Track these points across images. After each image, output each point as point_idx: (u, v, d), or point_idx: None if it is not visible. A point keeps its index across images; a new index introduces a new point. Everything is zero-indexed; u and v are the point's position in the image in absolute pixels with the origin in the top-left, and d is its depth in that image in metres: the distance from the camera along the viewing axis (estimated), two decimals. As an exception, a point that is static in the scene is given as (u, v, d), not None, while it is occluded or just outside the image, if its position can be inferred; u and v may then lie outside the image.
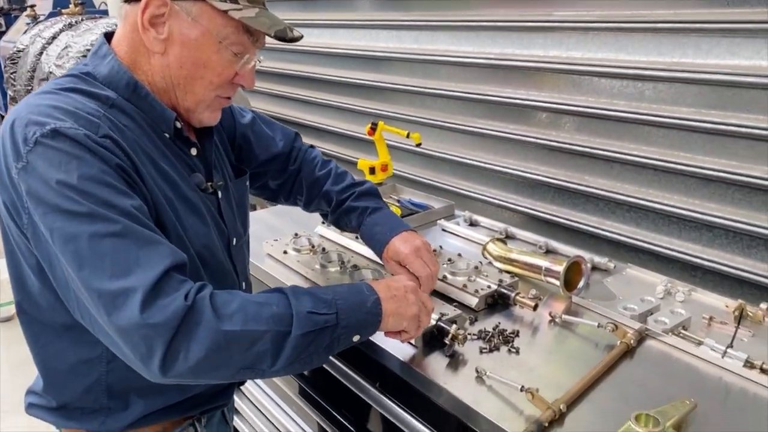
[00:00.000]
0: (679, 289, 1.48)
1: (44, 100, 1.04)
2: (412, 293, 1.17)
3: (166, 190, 1.11)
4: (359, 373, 1.45)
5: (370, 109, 2.84)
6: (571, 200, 2.09)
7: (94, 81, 1.11)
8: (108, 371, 1.14)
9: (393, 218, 1.49)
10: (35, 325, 1.15)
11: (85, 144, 0.98)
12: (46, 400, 1.20)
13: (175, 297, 0.93)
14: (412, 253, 1.36)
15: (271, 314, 1.00)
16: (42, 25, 3.69)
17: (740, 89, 1.60)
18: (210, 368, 0.97)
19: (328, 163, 1.60)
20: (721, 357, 1.20)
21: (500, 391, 1.14)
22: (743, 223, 1.65)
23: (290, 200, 1.62)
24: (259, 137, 1.51)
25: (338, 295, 1.09)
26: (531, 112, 2.15)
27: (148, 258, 0.95)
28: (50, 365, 1.17)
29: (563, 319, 1.37)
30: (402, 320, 1.15)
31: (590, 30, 1.91)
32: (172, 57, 1.10)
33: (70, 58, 2.65)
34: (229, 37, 1.10)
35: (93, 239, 0.95)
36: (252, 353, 0.98)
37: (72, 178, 0.96)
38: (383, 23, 2.70)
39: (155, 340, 0.92)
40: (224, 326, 0.95)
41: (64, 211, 0.95)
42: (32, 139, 0.97)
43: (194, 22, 1.08)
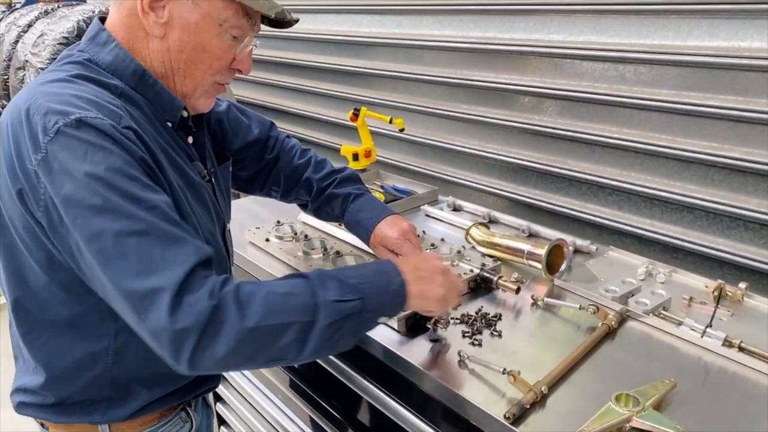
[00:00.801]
0: (660, 271, 1.49)
1: (61, 88, 1.00)
2: (440, 274, 1.14)
3: (178, 179, 1.10)
4: (344, 359, 1.45)
5: (352, 95, 2.82)
6: (554, 184, 2.10)
7: (98, 69, 1.08)
8: (114, 363, 1.12)
9: (376, 203, 1.48)
10: (37, 323, 1.10)
11: (111, 135, 0.95)
12: (42, 397, 1.15)
13: (200, 296, 0.92)
14: (401, 237, 1.36)
15: (295, 305, 0.98)
16: (18, 12, 3.61)
17: (719, 70, 1.61)
18: (237, 363, 0.98)
19: (307, 152, 1.58)
20: (701, 336, 1.22)
21: (483, 374, 1.15)
22: (723, 204, 1.66)
23: (264, 190, 1.58)
24: (234, 125, 1.49)
25: (363, 279, 1.06)
26: (514, 96, 2.14)
27: (174, 257, 0.93)
28: (53, 362, 1.13)
29: (545, 302, 1.38)
30: (427, 302, 1.13)
31: (572, 13, 1.90)
32: (171, 41, 1.08)
33: (46, 45, 2.60)
34: (229, 19, 1.09)
35: (118, 237, 0.92)
36: (278, 346, 0.97)
37: (99, 170, 0.92)
38: (366, 8, 2.67)
39: (183, 343, 0.91)
40: (249, 323, 0.93)
41: (90, 206, 0.92)
42: (53, 128, 0.93)
43: (194, 5, 1.06)
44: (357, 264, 1.16)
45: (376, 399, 1.35)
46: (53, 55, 2.57)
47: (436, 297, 1.12)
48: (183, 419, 1.28)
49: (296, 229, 1.77)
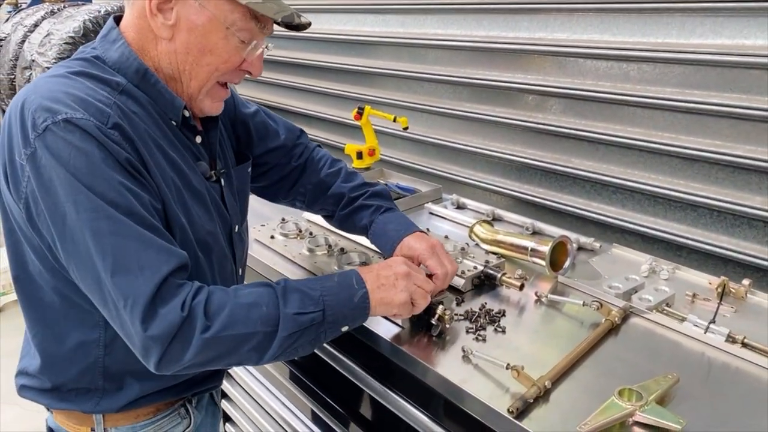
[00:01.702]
0: (663, 267, 1.50)
1: (56, 84, 1.03)
2: (402, 279, 1.17)
3: (174, 178, 1.12)
4: (348, 355, 1.46)
5: (356, 94, 2.83)
6: (558, 182, 2.10)
7: (103, 65, 1.11)
8: (106, 354, 1.16)
9: (406, 219, 1.45)
10: (35, 306, 1.16)
11: (95, 136, 0.98)
12: (40, 381, 1.20)
13: (172, 306, 0.99)
14: (428, 249, 1.32)
15: (259, 316, 1.04)
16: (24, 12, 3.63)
17: (723, 68, 1.61)
18: (201, 365, 1.05)
19: (338, 162, 1.56)
20: (704, 332, 1.22)
21: (486, 369, 1.16)
22: (727, 202, 1.66)
23: (289, 198, 1.56)
24: (260, 128, 1.48)
25: (326, 291, 1.11)
26: (517, 94, 2.15)
27: (149, 262, 0.99)
28: (49, 346, 1.17)
29: (549, 299, 1.38)
30: (391, 308, 1.17)
31: (575, 11, 1.91)
32: (179, 43, 1.10)
33: (53, 45, 2.61)
34: (236, 23, 1.09)
35: (96, 236, 0.97)
36: (240, 353, 1.05)
37: (81, 172, 0.97)
38: (369, 7, 2.68)
39: (152, 348, 0.99)
40: (215, 333, 1.01)
41: (70, 204, 0.97)
42: (42, 126, 0.97)
43: (201, 8, 1.07)
44: (323, 275, 1.20)
45: (379, 393, 1.36)
46: (59, 54, 2.59)
47: (398, 302, 1.16)
48: (182, 415, 1.30)
49: (301, 227, 1.78)
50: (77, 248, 0.99)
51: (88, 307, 1.09)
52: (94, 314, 1.10)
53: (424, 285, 1.21)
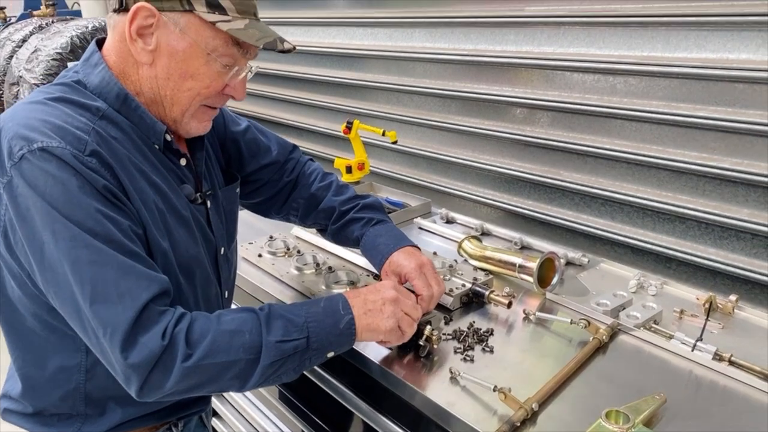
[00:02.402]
0: (651, 283, 1.50)
1: (33, 112, 1.03)
2: (390, 305, 1.16)
3: (157, 201, 1.11)
4: (336, 376, 1.45)
5: (345, 107, 2.83)
6: (547, 195, 2.10)
7: (84, 90, 1.10)
8: (87, 379, 1.15)
9: (397, 232, 1.44)
10: (15, 330, 1.15)
11: (72, 165, 0.98)
12: (22, 405, 1.19)
13: (153, 334, 0.98)
14: (416, 269, 1.30)
15: (241, 343, 1.03)
16: (12, 27, 3.62)
17: (708, 82, 1.61)
18: (182, 393, 1.04)
19: (329, 176, 1.55)
20: (691, 350, 1.22)
21: (474, 391, 1.15)
22: (714, 214, 1.66)
23: (282, 213, 1.56)
24: (251, 145, 1.47)
25: (311, 317, 1.10)
26: (506, 107, 2.15)
27: (129, 289, 0.98)
28: (30, 371, 1.17)
29: (537, 317, 1.38)
30: (377, 334, 1.17)
31: (562, 25, 1.91)
32: (159, 68, 1.09)
33: (40, 61, 2.60)
34: (217, 49, 1.09)
35: (75, 265, 0.97)
36: (222, 381, 1.04)
37: (58, 201, 0.96)
38: (357, 21, 2.69)
39: (132, 377, 0.98)
40: (196, 361, 1.00)
41: (47, 233, 0.97)
42: (18, 154, 0.97)
43: (182, 34, 1.06)
44: (309, 300, 1.19)
45: (367, 415, 1.35)
46: (47, 70, 2.58)
47: (384, 329, 1.15)
48: None
49: (289, 244, 1.77)
50: (56, 277, 0.98)
51: (69, 332, 1.08)
52: (75, 339, 1.09)
53: (412, 312, 1.20)
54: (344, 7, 2.77)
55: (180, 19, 1.06)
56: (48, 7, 4.15)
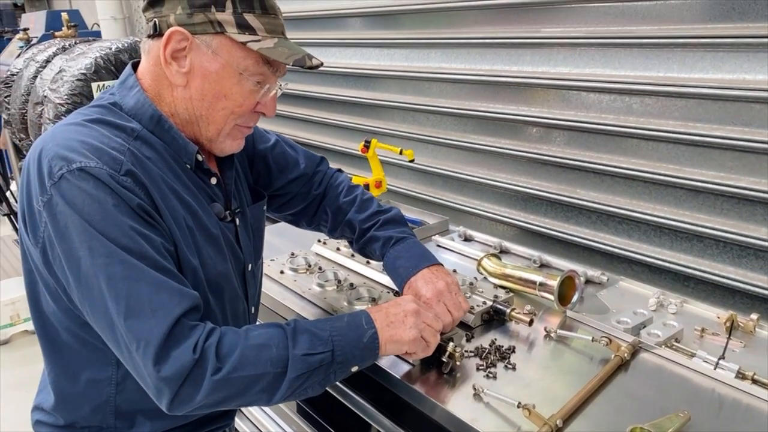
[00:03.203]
0: (671, 301, 1.50)
1: (72, 133, 1.07)
2: (411, 316, 1.19)
3: (188, 220, 1.15)
4: (357, 391, 1.46)
5: (363, 126, 2.87)
6: (564, 213, 2.12)
7: (120, 112, 1.14)
8: (117, 393, 1.18)
9: (417, 250, 1.43)
10: (50, 344, 1.18)
11: (108, 184, 1.01)
12: (54, 418, 1.22)
13: (185, 348, 1.00)
14: (434, 297, 1.31)
15: (269, 357, 1.06)
16: (36, 48, 3.70)
17: (725, 102, 1.63)
18: (212, 406, 1.06)
19: (355, 189, 1.56)
20: (714, 368, 1.22)
21: (497, 407, 1.16)
22: (732, 233, 1.67)
23: (313, 225, 1.59)
24: (280, 160, 1.50)
25: (336, 331, 1.13)
26: (522, 126, 2.18)
27: (161, 304, 1.01)
28: (62, 384, 1.20)
29: (558, 334, 1.39)
30: (401, 345, 1.18)
31: (578, 46, 1.95)
32: (193, 89, 1.13)
33: (65, 82, 2.67)
34: (249, 68, 1.12)
35: (110, 281, 1.00)
36: (250, 394, 1.06)
37: (93, 219, 1.00)
38: (375, 41, 2.73)
39: (164, 390, 1.01)
40: (225, 375, 1.02)
41: (84, 249, 1.00)
42: (57, 174, 1.01)
43: (214, 55, 1.10)
44: (333, 316, 1.22)
45: (389, 431, 1.36)
46: (71, 90, 2.64)
47: (408, 339, 1.17)
48: None
49: (310, 261, 1.80)
50: (91, 292, 1.01)
51: (101, 346, 1.11)
52: (106, 353, 1.12)
53: (434, 323, 1.22)
54: (361, 29, 2.83)
55: (212, 41, 1.10)
56: (69, 29, 4.25)
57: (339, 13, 2.87)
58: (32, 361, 3.41)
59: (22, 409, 1.29)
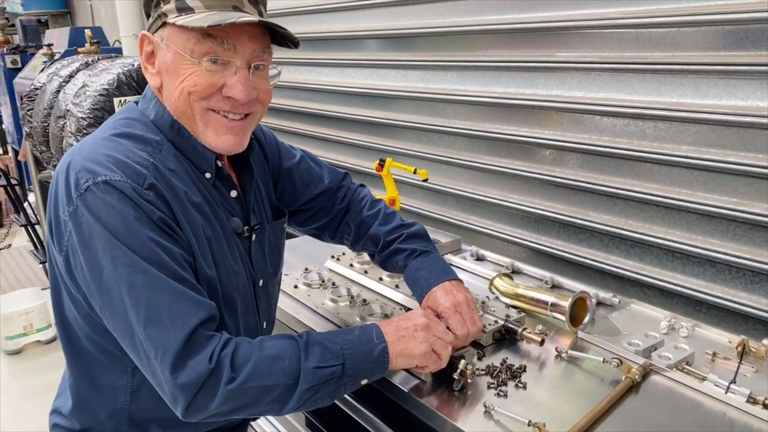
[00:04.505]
0: (682, 325, 1.51)
1: (99, 147, 1.11)
2: (422, 331, 1.20)
3: (206, 231, 1.17)
4: (366, 405, 1.47)
5: (378, 145, 2.91)
6: (576, 235, 2.13)
7: (147, 122, 1.18)
8: (131, 400, 1.21)
9: (439, 264, 1.45)
10: (72, 348, 1.22)
11: (131, 197, 1.05)
12: (70, 422, 1.25)
13: (201, 358, 1.03)
14: (452, 307, 1.33)
15: (281, 368, 1.08)
16: (59, 63, 3.80)
17: (738, 128, 1.65)
18: (225, 414, 1.08)
19: (377, 203, 1.59)
20: (725, 392, 1.23)
21: (508, 425, 1.17)
22: (745, 258, 1.68)
23: (336, 238, 1.62)
24: (305, 175, 1.53)
25: (347, 344, 1.14)
26: (535, 149, 2.20)
27: (180, 313, 1.04)
28: (81, 389, 1.23)
29: (569, 355, 1.40)
30: (411, 359, 1.20)
31: (591, 70, 1.97)
32: (165, 88, 1.16)
33: (88, 96, 2.73)
34: (194, 49, 1.10)
35: (132, 290, 1.03)
36: (262, 404, 1.08)
37: (116, 230, 1.03)
38: (390, 63, 2.78)
39: (179, 397, 1.03)
40: (239, 384, 1.05)
41: (107, 259, 1.03)
42: (84, 186, 1.04)
43: (167, 47, 1.13)
44: (344, 329, 1.24)
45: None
46: (94, 105, 2.71)
47: (418, 354, 1.19)
48: None
49: (324, 277, 1.82)
50: (112, 300, 1.04)
51: (118, 353, 1.14)
52: (123, 360, 1.15)
53: (444, 336, 1.24)
54: (377, 50, 2.88)
55: (164, 34, 1.13)
56: (92, 45, 4.35)
57: (356, 35, 2.93)
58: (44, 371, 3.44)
59: (34, 418, 1.33)
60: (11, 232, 6.41)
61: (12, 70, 5.31)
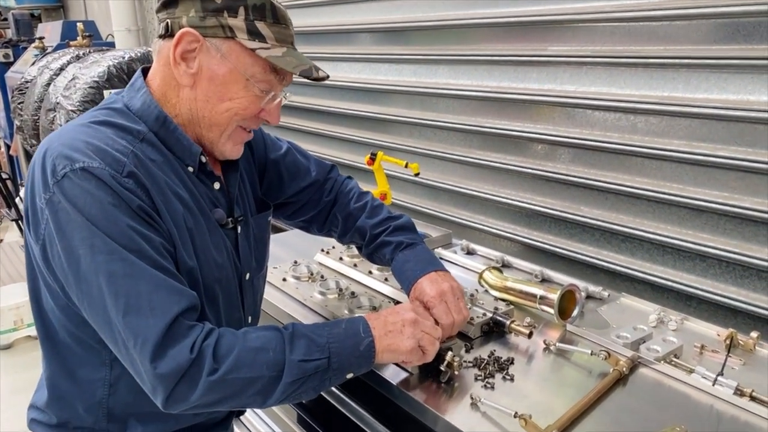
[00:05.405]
0: (671, 318, 1.50)
1: (78, 133, 1.09)
2: (410, 326, 1.19)
3: (188, 222, 1.15)
4: (356, 399, 1.46)
5: (370, 140, 2.90)
6: (568, 230, 2.12)
7: (128, 113, 1.16)
8: (109, 394, 1.18)
9: (426, 256, 1.44)
10: (48, 341, 1.20)
11: (109, 184, 1.03)
12: (47, 416, 1.23)
13: (182, 347, 1.01)
14: (437, 296, 1.32)
15: (265, 360, 1.07)
16: (50, 56, 3.77)
17: (729, 122, 1.64)
18: (207, 406, 1.06)
19: (365, 196, 1.58)
20: (712, 385, 1.22)
21: (494, 417, 1.16)
22: (735, 253, 1.67)
23: (324, 231, 1.61)
24: (291, 168, 1.52)
25: (333, 338, 1.13)
26: (527, 143, 2.19)
27: (161, 303, 1.02)
28: (57, 381, 1.21)
29: (557, 347, 1.39)
30: (398, 355, 1.19)
31: (583, 65, 1.97)
32: (199, 91, 1.15)
33: (77, 89, 2.71)
34: (256, 75, 1.14)
35: (110, 278, 1.01)
36: (244, 396, 1.07)
37: (94, 218, 1.01)
38: (383, 57, 2.77)
39: (159, 387, 1.01)
40: (221, 376, 1.03)
41: (85, 247, 1.01)
42: (61, 172, 1.02)
43: (223, 59, 1.12)
44: (331, 321, 1.22)
45: (387, 440, 1.36)
46: (84, 97, 2.69)
47: (405, 349, 1.18)
48: None
49: (313, 270, 1.81)
50: (90, 289, 1.02)
51: (96, 346, 1.12)
52: (101, 353, 1.13)
53: (432, 332, 1.22)
54: (370, 44, 2.87)
55: (222, 45, 1.11)
56: (84, 38, 4.32)
57: (350, 29, 2.92)
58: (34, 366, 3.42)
59: (23, 413, 1.30)
60: (2, 227, 6.38)
61: (4, 64, 5.28)
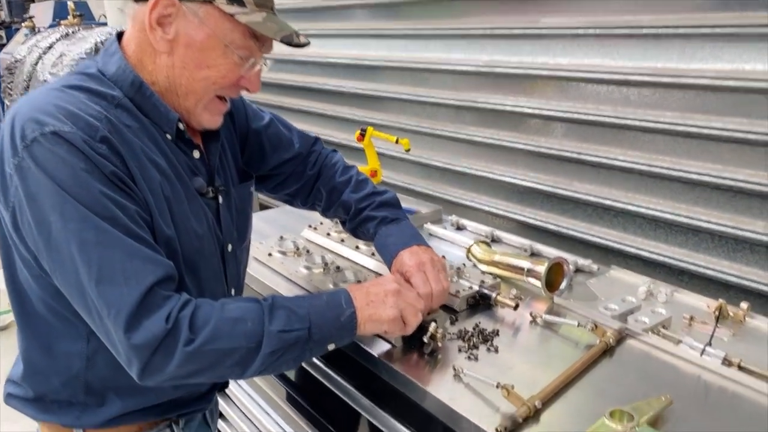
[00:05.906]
0: (661, 290, 1.48)
1: (48, 97, 1.05)
2: (392, 296, 1.17)
3: (165, 190, 1.12)
4: (341, 374, 1.44)
5: (361, 117, 2.86)
6: (560, 206, 2.09)
7: (102, 79, 1.12)
8: (87, 368, 1.15)
9: (408, 231, 1.43)
10: (23, 314, 1.16)
11: (81, 149, 0.99)
12: (23, 390, 1.20)
13: (157, 318, 0.99)
14: (415, 266, 1.31)
15: (243, 331, 1.04)
16: (40, 35, 3.73)
17: (723, 93, 1.61)
18: (184, 377, 1.04)
19: (350, 170, 1.55)
20: (700, 355, 1.20)
21: (477, 388, 1.14)
22: (728, 227, 1.65)
23: (308, 205, 1.58)
24: (273, 139, 1.49)
25: (314, 309, 1.11)
26: (520, 118, 2.16)
27: (135, 272, 0.99)
28: (33, 355, 1.18)
29: (544, 319, 1.36)
30: (380, 324, 1.17)
31: (576, 37, 1.93)
32: (176, 57, 1.11)
33: (64, 66, 2.67)
34: (235, 41, 1.10)
35: (82, 246, 0.98)
36: (222, 367, 1.05)
37: (65, 184, 0.98)
38: (374, 32, 2.73)
39: (134, 358, 0.99)
40: (198, 347, 1.01)
41: (56, 214, 0.98)
42: (30, 137, 0.98)
43: (201, 24, 1.08)
44: (313, 293, 1.20)
45: (369, 412, 1.34)
46: (71, 74, 2.65)
47: (387, 318, 1.16)
48: None
49: (299, 245, 1.78)
50: (62, 257, 0.99)
51: (73, 319, 1.09)
52: (78, 326, 1.10)
53: (415, 302, 1.20)
54: (361, 19, 2.82)
55: (199, 10, 1.07)
56: (75, 18, 4.27)
57: (339, 4, 2.87)
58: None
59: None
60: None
61: (-4, 45, 5.22)
